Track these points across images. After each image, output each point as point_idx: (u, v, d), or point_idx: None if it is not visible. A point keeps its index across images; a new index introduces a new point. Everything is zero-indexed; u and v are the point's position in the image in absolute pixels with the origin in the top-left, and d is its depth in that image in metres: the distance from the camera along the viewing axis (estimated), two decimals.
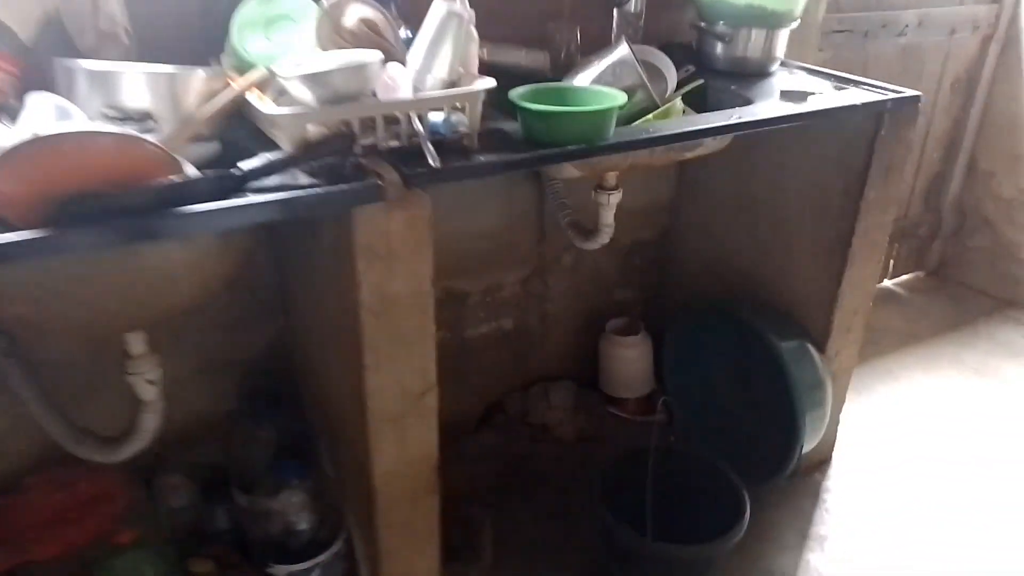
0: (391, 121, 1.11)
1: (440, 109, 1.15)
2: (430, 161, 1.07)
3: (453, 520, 1.43)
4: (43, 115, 0.98)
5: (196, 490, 1.51)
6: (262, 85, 1.13)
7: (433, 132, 1.15)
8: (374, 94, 1.09)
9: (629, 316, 2.05)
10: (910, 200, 2.64)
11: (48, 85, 1.07)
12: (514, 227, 1.85)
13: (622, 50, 1.40)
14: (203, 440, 1.55)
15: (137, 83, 1.06)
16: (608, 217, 1.61)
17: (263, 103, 1.06)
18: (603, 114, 1.22)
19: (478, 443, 1.95)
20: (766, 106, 1.43)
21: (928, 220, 2.73)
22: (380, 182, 1.02)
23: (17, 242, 0.83)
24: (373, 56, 1.07)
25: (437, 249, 1.63)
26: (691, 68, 1.65)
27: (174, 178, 0.92)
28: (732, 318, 1.77)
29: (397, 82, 1.10)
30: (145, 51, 1.23)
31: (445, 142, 1.16)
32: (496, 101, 1.22)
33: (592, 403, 2.04)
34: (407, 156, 1.10)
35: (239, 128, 1.15)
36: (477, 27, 1.49)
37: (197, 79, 1.11)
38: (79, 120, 1.00)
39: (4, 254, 0.82)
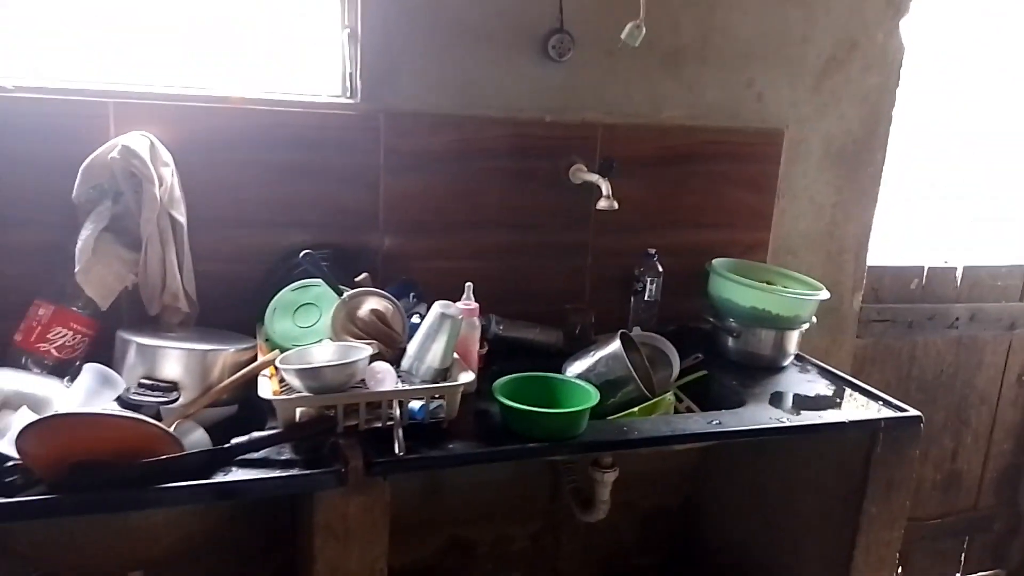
0: (374, 406, 1.27)
1: (420, 398, 1.30)
2: (396, 449, 1.20)
3: None
4: (85, 384, 1.21)
5: None
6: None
7: (412, 417, 1.29)
8: (363, 382, 1.26)
9: None
10: (979, 491, 2.47)
11: (112, 348, 1.33)
12: (525, 479, 1.91)
13: (614, 345, 1.51)
14: None
15: (172, 358, 1.28)
16: (604, 494, 1.65)
17: (263, 385, 1.24)
18: (574, 415, 1.32)
19: None
20: (752, 412, 1.48)
21: (1005, 514, 2.52)
22: (343, 469, 1.15)
23: (26, 502, 1.01)
24: (362, 353, 1.25)
25: (446, 495, 1.66)
26: (699, 356, 1.73)
27: (165, 456, 1.09)
28: None
29: (384, 374, 1.26)
30: (209, 315, 1.50)
31: (424, 426, 1.29)
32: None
33: None
34: (385, 438, 1.23)
35: None
36: (501, 304, 1.70)
37: (225, 355, 1.33)
38: (117, 387, 1.22)
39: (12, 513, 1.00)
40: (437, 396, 1.31)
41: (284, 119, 1.52)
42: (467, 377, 1.33)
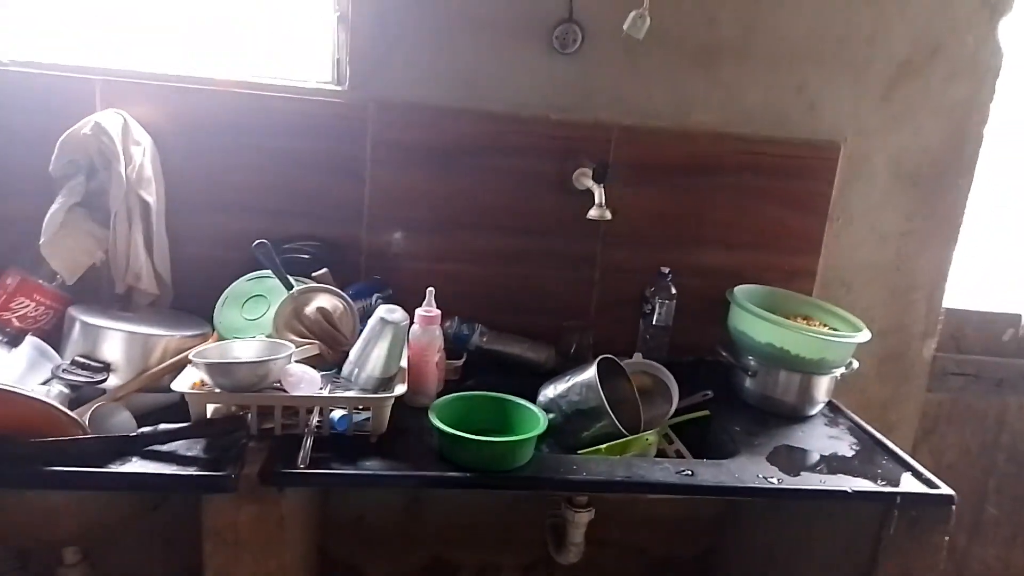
0: (293, 411, 1.19)
1: (342, 408, 1.20)
2: (299, 459, 1.11)
3: None
4: (24, 355, 1.21)
5: None
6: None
7: (333, 427, 1.19)
8: (279, 384, 1.18)
9: None
10: None
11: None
12: (516, 506, 1.77)
13: (589, 372, 1.35)
14: None
15: (112, 339, 1.26)
16: (575, 535, 1.48)
17: (183, 376, 1.19)
18: (510, 445, 1.17)
19: None
20: (739, 466, 1.26)
21: None
22: (234, 474, 1.08)
23: None
24: (280, 352, 1.17)
25: (426, 509, 1.53)
26: (708, 394, 1.52)
27: (58, 438, 1.06)
28: None
29: (299, 377, 1.18)
30: (187, 299, 1.48)
31: (349, 438, 1.19)
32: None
33: None
34: (298, 447, 1.15)
35: None
36: (495, 313, 1.58)
37: (168, 340, 1.29)
38: (53, 362, 1.22)
39: None
40: (362, 407, 1.21)
41: (270, 104, 1.48)
42: (400, 390, 1.22)
